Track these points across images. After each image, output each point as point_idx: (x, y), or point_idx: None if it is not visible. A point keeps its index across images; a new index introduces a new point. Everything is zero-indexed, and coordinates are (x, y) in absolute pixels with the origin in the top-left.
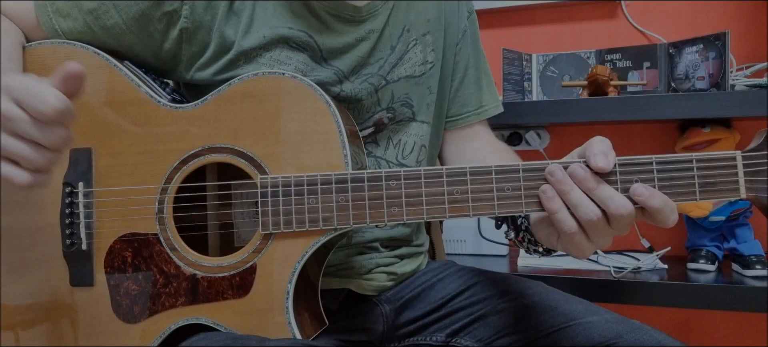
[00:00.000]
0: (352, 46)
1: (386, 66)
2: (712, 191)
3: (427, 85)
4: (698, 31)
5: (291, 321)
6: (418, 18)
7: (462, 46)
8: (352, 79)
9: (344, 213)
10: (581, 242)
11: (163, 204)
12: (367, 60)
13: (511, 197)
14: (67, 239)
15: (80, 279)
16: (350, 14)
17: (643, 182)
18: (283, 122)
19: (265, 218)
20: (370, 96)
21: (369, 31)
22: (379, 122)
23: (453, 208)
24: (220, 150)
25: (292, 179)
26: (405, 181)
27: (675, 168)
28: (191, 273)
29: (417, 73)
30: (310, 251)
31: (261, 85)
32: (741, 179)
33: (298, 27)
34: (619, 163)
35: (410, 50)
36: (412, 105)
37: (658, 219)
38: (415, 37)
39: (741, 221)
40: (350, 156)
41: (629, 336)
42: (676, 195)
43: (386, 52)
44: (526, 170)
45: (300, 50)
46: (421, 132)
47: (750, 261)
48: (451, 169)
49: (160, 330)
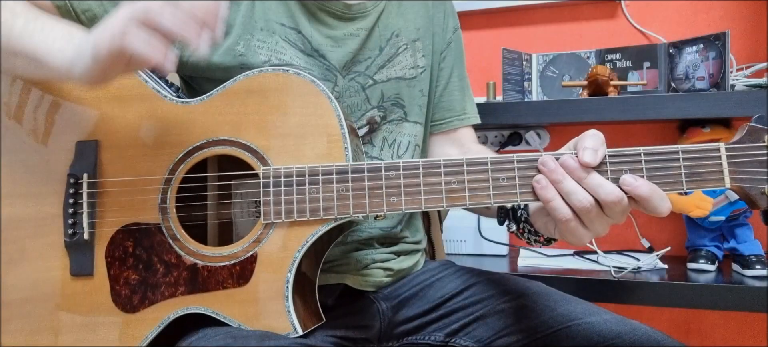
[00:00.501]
0: (340, 40)
1: (373, 66)
2: (698, 181)
3: (419, 87)
4: (698, 31)
5: (290, 309)
6: (408, 25)
7: (447, 54)
8: (343, 73)
9: (344, 203)
10: (577, 229)
11: (166, 195)
12: (356, 57)
13: (506, 186)
14: (69, 229)
15: (80, 268)
16: (341, 11)
17: (632, 172)
18: (285, 116)
19: (267, 208)
20: (358, 94)
21: (358, 29)
22: (371, 120)
23: (450, 197)
24: (224, 143)
25: (294, 169)
26: (404, 172)
27: (662, 159)
28: (192, 263)
29: (408, 75)
30: (310, 240)
31: (265, 80)
32: (725, 170)
33: (290, 24)
34: (609, 155)
35: (400, 54)
36: (404, 105)
37: (649, 207)
38: (405, 42)
39: (741, 221)
40: (351, 149)
41: (628, 337)
42: (664, 185)
43: (374, 52)
44: (521, 161)
45: (291, 45)
46: (415, 132)
47: (750, 261)
48: (449, 160)
49: (159, 319)
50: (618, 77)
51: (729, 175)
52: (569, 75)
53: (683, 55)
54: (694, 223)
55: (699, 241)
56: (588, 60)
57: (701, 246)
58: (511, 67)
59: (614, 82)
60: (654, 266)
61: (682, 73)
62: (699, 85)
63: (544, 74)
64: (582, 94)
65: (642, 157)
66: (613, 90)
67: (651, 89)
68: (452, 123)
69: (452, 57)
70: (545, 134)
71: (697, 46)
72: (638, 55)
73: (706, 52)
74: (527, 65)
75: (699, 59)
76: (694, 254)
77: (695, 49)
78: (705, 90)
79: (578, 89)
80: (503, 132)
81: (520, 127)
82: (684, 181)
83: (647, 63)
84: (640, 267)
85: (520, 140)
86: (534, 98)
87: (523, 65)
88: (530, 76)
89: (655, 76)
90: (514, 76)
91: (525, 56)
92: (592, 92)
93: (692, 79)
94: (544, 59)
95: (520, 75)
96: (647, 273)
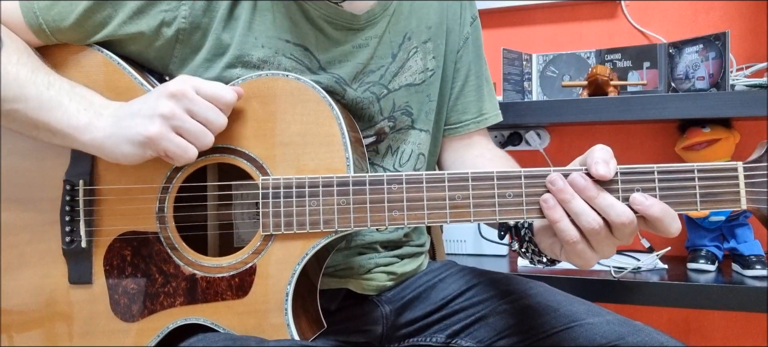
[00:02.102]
0: (349, 53)
1: (387, 75)
2: (713, 201)
3: (427, 93)
4: (698, 31)
5: (290, 322)
6: (420, 25)
7: (463, 52)
8: (354, 86)
9: (345, 216)
10: (584, 252)
11: (164, 203)
12: (367, 67)
13: (513, 203)
14: (66, 236)
15: (79, 276)
16: (348, 22)
17: (645, 190)
18: (285, 124)
19: (266, 219)
20: (371, 105)
21: (368, 38)
22: (380, 131)
23: (454, 213)
24: (222, 151)
25: (294, 180)
26: (407, 185)
27: (676, 178)
28: (190, 273)
29: (417, 81)
30: (310, 253)
31: (264, 86)
32: (742, 190)
33: (294, 40)
34: (621, 172)
35: (411, 58)
36: (412, 113)
37: (659, 228)
38: (415, 44)
39: (741, 221)
40: (353, 159)
41: (631, 338)
42: (677, 204)
43: (387, 60)
44: (528, 177)
45: (297, 61)
46: (420, 140)
47: (750, 261)
48: (453, 174)
49: (158, 329)
50: (618, 77)
51: (746, 196)
52: (569, 75)
53: (683, 55)
54: (694, 223)
55: (699, 241)
56: (588, 60)
57: (701, 246)
58: (511, 67)
59: (614, 83)
60: (654, 266)
61: (682, 73)
62: (699, 86)
63: (544, 74)
64: (582, 94)
65: (656, 175)
66: (613, 90)
67: (651, 89)
68: (468, 127)
69: (470, 54)
70: (545, 134)
71: (697, 46)
72: (638, 55)
73: (706, 52)
74: (527, 65)
75: (699, 59)
76: (694, 254)
77: (695, 49)
78: (705, 90)
79: (578, 89)
80: (503, 132)
81: (520, 127)
82: (699, 201)
83: (647, 63)
84: (640, 267)
85: (520, 140)
86: (534, 98)
87: (523, 65)
88: (530, 76)
89: (655, 76)
90: (514, 76)
91: (525, 56)
92: (592, 92)
93: (692, 79)
94: (544, 59)
95: (520, 75)
96: (647, 273)
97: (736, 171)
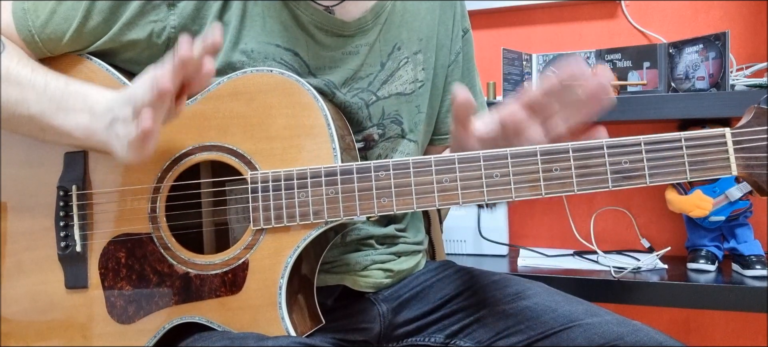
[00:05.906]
0: (339, 60)
1: (376, 82)
2: (703, 169)
3: (416, 103)
4: (698, 31)
5: (284, 316)
6: (411, 36)
7: (454, 68)
8: (343, 90)
9: (334, 206)
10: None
11: (155, 204)
12: (356, 73)
13: (501, 183)
14: (61, 241)
15: (75, 281)
16: (338, 29)
17: (632, 163)
18: (271, 118)
19: (256, 214)
20: (360, 110)
21: (358, 46)
22: (368, 137)
23: (442, 196)
24: (210, 148)
25: (282, 173)
26: (394, 171)
27: (664, 148)
28: (184, 272)
29: (407, 90)
30: (302, 246)
31: (249, 82)
32: (731, 156)
33: (285, 45)
34: (607, 145)
35: (401, 68)
36: (402, 122)
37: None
38: (406, 55)
39: (741, 221)
40: (340, 149)
41: (630, 338)
42: (667, 175)
43: (376, 68)
44: (515, 156)
45: (287, 66)
46: (409, 150)
47: (750, 261)
48: (440, 158)
49: (155, 329)
50: (618, 77)
51: (736, 162)
52: None
53: (683, 55)
54: (694, 223)
55: (699, 241)
56: (588, 60)
57: (701, 246)
58: (511, 67)
59: (614, 83)
60: (654, 266)
61: (682, 73)
62: (699, 86)
63: (544, 74)
64: None
65: (643, 146)
66: (612, 90)
67: (651, 89)
68: None
69: (461, 69)
70: None
71: (697, 46)
72: (638, 55)
73: (706, 52)
74: (527, 65)
75: (699, 59)
76: (694, 254)
77: (695, 49)
78: (705, 90)
79: None
80: None
81: None
82: (687, 170)
83: (647, 63)
84: (640, 267)
85: None
86: None
87: (523, 65)
88: (530, 76)
89: (655, 76)
90: (514, 76)
91: (525, 56)
92: None
93: (692, 79)
94: (544, 59)
95: (520, 75)
96: (647, 273)
97: (724, 137)
